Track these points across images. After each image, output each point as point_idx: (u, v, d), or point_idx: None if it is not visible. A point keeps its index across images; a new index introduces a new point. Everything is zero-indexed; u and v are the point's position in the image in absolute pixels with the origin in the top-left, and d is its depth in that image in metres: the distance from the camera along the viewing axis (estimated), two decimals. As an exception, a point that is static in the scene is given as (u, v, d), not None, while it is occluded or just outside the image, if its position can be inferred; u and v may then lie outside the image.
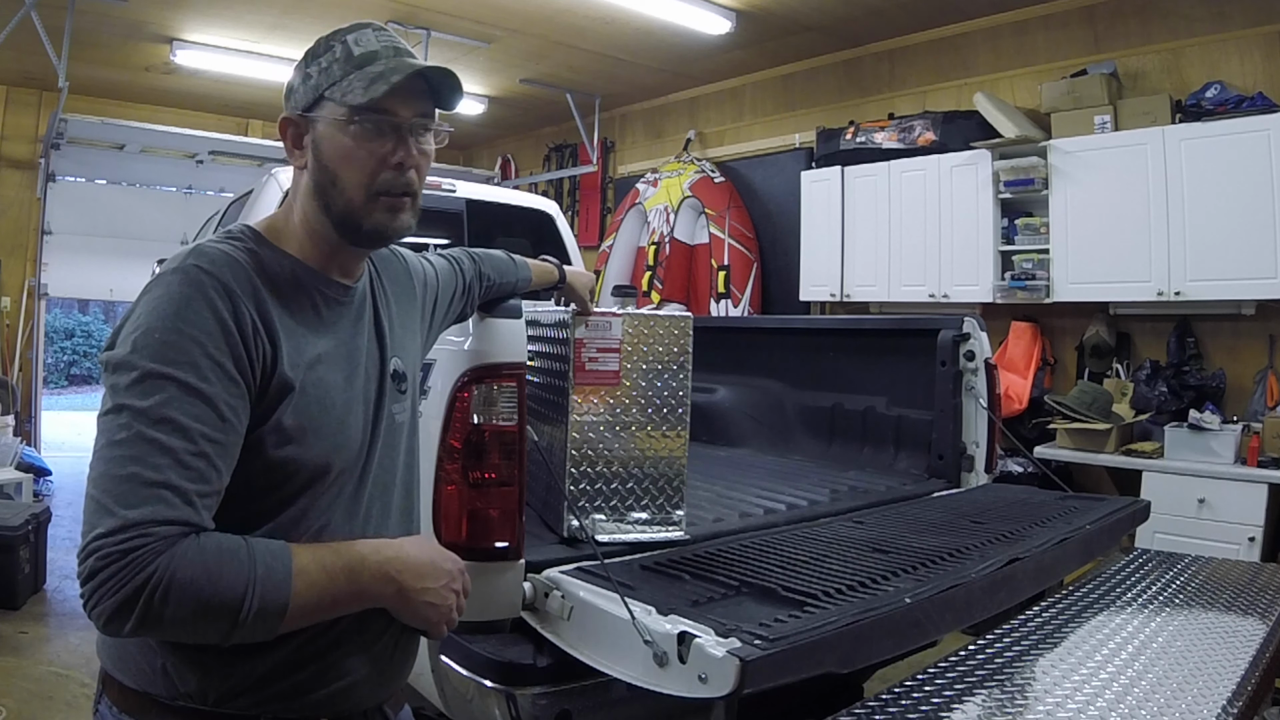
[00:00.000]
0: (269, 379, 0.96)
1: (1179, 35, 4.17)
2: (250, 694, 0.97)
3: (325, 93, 1.02)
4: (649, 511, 1.78)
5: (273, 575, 0.88)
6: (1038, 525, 1.94)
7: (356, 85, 1.01)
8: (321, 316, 1.06)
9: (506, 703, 1.48)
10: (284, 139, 1.07)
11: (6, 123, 6.80)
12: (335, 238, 1.06)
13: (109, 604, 0.82)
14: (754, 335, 3.39)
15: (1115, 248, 3.95)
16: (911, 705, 1.22)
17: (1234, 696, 1.27)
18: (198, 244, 0.99)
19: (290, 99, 1.07)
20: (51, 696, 3.04)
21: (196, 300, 0.92)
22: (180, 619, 0.84)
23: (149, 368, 0.88)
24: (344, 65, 1.03)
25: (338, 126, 1.02)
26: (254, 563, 0.87)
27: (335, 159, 1.02)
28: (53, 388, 13.65)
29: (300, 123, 1.05)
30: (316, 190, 1.04)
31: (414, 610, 1.01)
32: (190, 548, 0.84)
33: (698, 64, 5.97)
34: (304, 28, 5.35)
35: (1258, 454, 3.46)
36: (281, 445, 0.96)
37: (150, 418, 0.86)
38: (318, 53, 1.05)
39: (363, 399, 1.08)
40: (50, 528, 4.34)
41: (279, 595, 0.88)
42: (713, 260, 5.77)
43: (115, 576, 0.81)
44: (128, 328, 0.92)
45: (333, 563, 0.94)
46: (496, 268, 1.61)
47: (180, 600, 0.83)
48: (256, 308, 0.96)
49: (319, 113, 1.03)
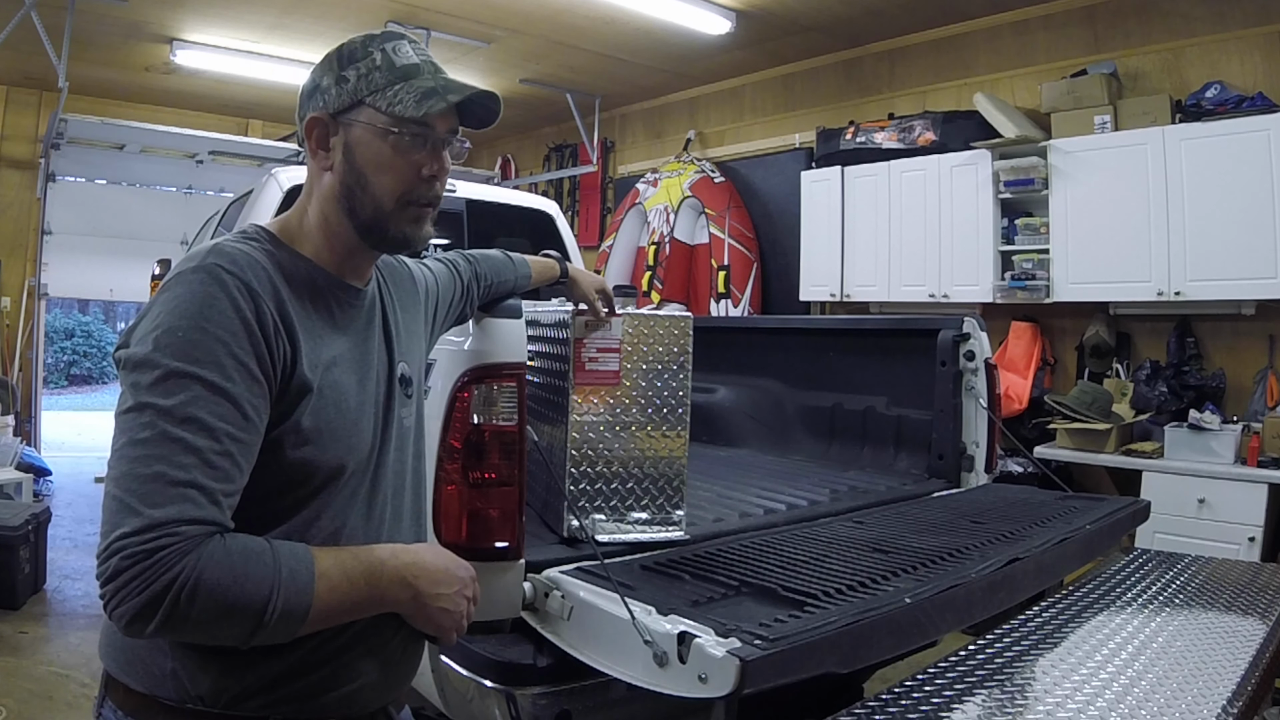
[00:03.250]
0: (289, 379, 0.96)
1: (1179, 35, 4.17)
2: (261, 696, 0.97)
3: (366, 99, 1.03)
4: (649, 511, 1.78)
5: (296, 578, 0.88)
6: (1038, 525, 1.94)
7: (407, 98, 1.02)
8: (335, 319, 1.06)
9: (506, 703, 1.48)
10: (309, 138, 1.07)
11: (6, 123, 6.80)
12: (355, 240, 1.07)
13: (133, 604, 0.81)
14: (754, 335, 3.39)
15: (1115, 248, 3.95)
16: (911, 705, 1.22)
17: (1234, 696, 1.27)
18: (217, 243, 0.98)
19: (317, 99, 1.06)
20: (51, 696, 3.04)
21: (220, 299, 0.92)
22: (205, 621, 0.84)
23: (173, 366, 0.88)
24: (387, 74, 1.03)
25: (377, 133, 1.03)
26: (278, 565, 0.88)
27: (370, 165, 1.03)
28: (53, 388, 13.65)
29: (332, 124, 1.05)
30: (344, 193, 1.05)
31: (428, 616, 1.02)
32: (216, 549, 0.84)
33: (698, 64, 5.97)
34: (304, 28, 5.35)
35: (1258, 454, 3.46)
36: (299, 446, 0.97)
37: (175, 416, 0.86)
38: (355, 57, 1.05)
39: (374, 402, 1.08)
40: (50, 528, 4.34)
41: (302, 598, 0.88)
42: (713, 260, 5.77)
43: (140, 576, 0.81)
44: (146, 325, 0.91)
45: (353, 567, 0.95)
46: (493, 268, 1.61)
47: (206, 602, 0.83)
48: (277, 308, 0.96)
49: (355, 117, 1.04)
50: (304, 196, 1.09)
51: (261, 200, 3.17)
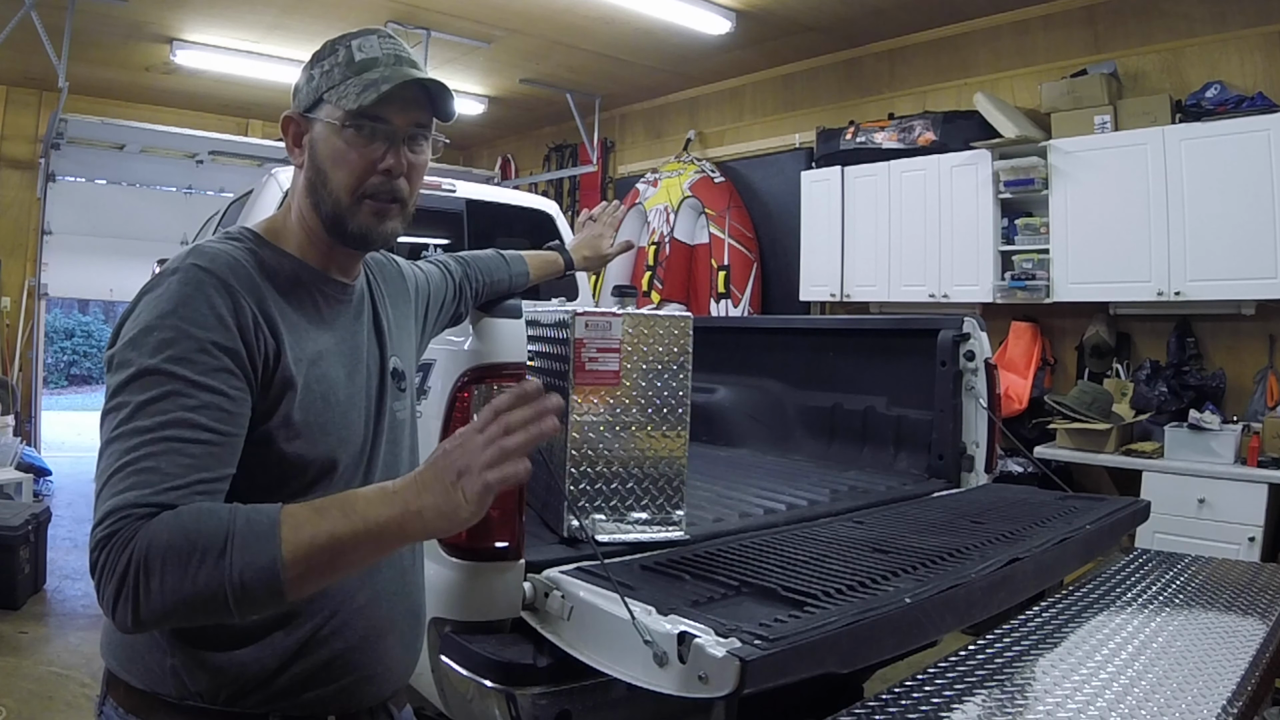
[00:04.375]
0: (272, 373, 0.96)
1: (1179, 35, 4.17)
2: (259, 691, 0.97)
3: (324, 95, 1.05)
4: (649, 511, 1.78)
5: (254, 526, 0.82)
6: (1038, 525, 1.94)
7: (352, 90, 1.02)
8: (322, 314, 1.07)
9: (506, 703, 1.48)
10: (285, 136, 1.10)
11: (6, 123, 6.80)
12: (327, 237, 1.07)
13: (108, 591, 0.81)
14: (754, 335, 3.39)
15: (1115, 248, 3.95)
16: (911, 705, 1.22)
17: (1234, 696, 1.27)
18: (197, 245, 1.00)
19: (295, 99, 1.09)
20: (51, 696, 3.04)
21: (195, 297, 0.93)
22: (169, 588, 0.79)
23: (147, 364, 0.89)
24: (344, 70, 1.04)
25: (332, 129, 1.04)
26: (234, 517, 0.82)
27: (327, 160, 1.04)
28: (53, 388, 13.64)
29: (300, 122, 1.08)
30: (309, 188, 1.07)
31: (446, 496, 0.84)
32: (166, 517, 0.82)
33: (698, 64, 5.97)
34: (304, 28, 5.35)
35: (1258, 454, 3.46)
36: (290, 440, 0.97)
37: (148, 412, 0.87)
38: (322, 55, 1.07)
39: (365, 395, 1.09)
40: (50, 528, 4.34)
41: (265, 543, 0.81)
42: (713, 260, 5.77)
43: (107, 563, 0.81)
44: (127, 326, 0.93)
45: (324, 503, 0.86)
46: (486, 268, 1.61)
47: (162, 565, 0.79)
48: (258, 303, 0.97)
49: (318, 114, 1.05)
50: (289, 194, 1.12)
51: (261, 200, 3.17)
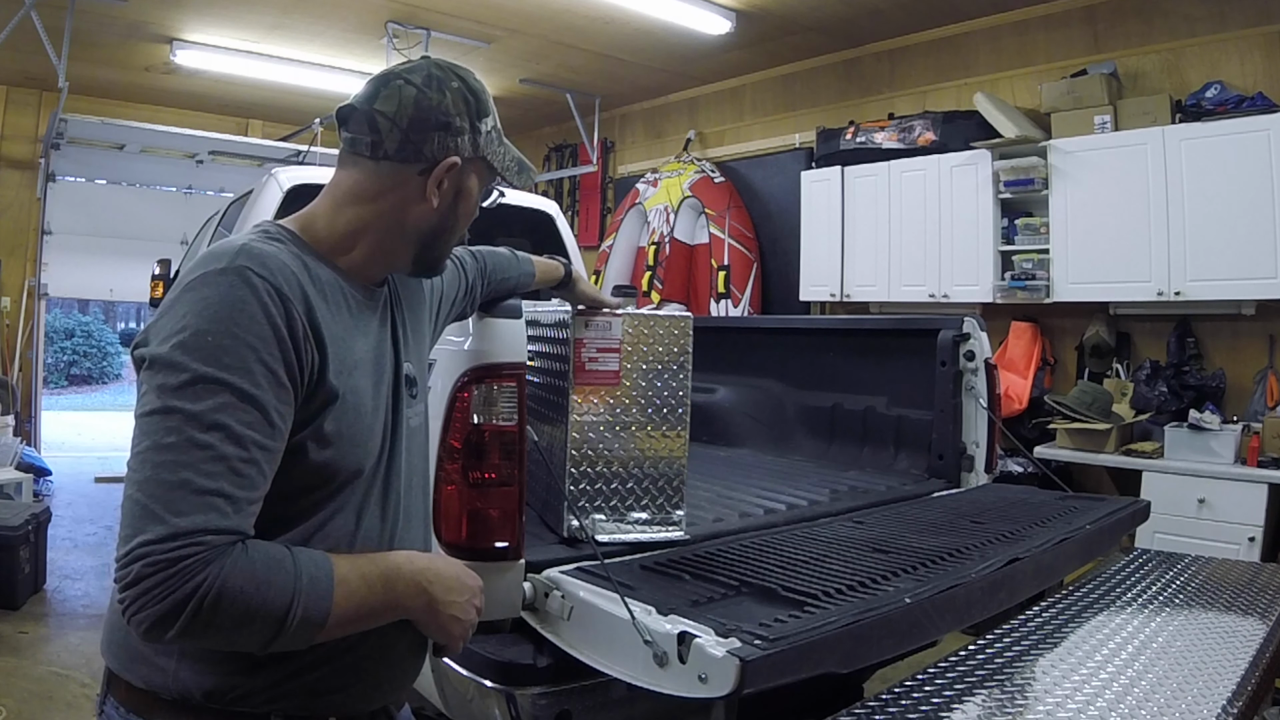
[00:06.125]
0: (315, 386, 0.95)
1: (1179, 35, 4.17)
2: (263, 693, 0.97)
3: (487, 154, 1.09)
4: (649, 511, 1.78)
5: (317, 585, 0.89)
6: (1038, 525, 1.94)
7: (512, 167, 1.13)
8: (356, 323, 1.05)
9: (506, 703, 1.48)
10: (445, 173, 1.05)
11: (6, 123, 6.80)
12: (405, 265, 1.12)
13: (153, 611, 0.81)
14: (754, 335, 3.39)
15: (1115, 248, 3.95)
16: (911, 705, 1.23)
17: (1234, 696, 1.27)
18: (245, 243, 0.96)
19: (453, 139, 1.05)
20: (51, 696, 3.04)
21: (251, 303, 0.90)
22: (226, 628, 0.84)
23: (202, 371, 0.86)
24: (499, 137, 1.11)
25: (478, 189, 1.10)
26: (299, 572, 0.88)
27: (464, 215, 1.11)
28: (53, 388, 13.65)
29: (465, 168, 1.09)
30: (430, 231, 1.08)
31: (440, 624, 1.03)
32: (239, 557, 0.84)
33: (698, 64, 5.97)
34: (304, 28, 5.35)
35: (1258, 454, 3.46)
36: (321, 450, 0.96)
37: (203, 423, 0.85)
38: (485, 110, 1.09)
39: (385, 404, 1.09)
40: (50, 528, 4.34)
41: (322, 604, 0.89)
42: (713, 260, 5.77)
43: (164, 584, 0.80)
44: (170, 324, 0.89)
45: (370, 572, 0.96)
46: (498, 264, 1.61)
47: (229, 609, 0.83)
48: (306, 314, 0.95)
49: (475, 168, 1.09)
50: (341, 201, 1.06)
51: (261, 200, 3.17)
